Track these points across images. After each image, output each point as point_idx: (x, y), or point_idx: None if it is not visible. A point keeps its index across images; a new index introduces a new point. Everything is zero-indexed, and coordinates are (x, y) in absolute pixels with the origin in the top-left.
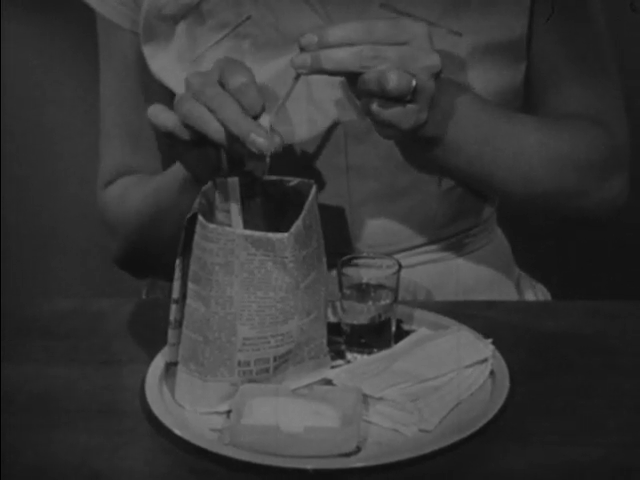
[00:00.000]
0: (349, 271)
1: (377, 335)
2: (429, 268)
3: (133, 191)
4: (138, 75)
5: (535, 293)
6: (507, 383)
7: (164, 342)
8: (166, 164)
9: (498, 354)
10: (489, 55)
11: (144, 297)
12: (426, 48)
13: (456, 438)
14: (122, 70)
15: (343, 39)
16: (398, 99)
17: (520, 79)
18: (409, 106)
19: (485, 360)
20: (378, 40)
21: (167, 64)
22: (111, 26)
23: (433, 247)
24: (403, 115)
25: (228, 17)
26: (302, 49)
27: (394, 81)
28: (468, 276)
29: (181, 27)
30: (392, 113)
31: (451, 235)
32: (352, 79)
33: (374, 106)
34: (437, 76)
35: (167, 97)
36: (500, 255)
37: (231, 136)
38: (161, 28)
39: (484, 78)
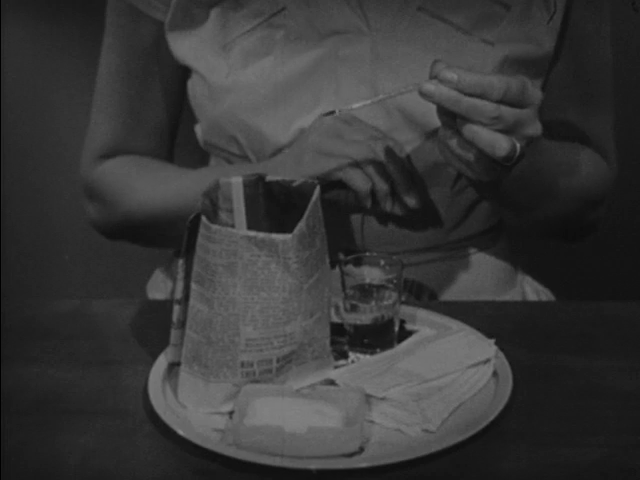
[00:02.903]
0: (352, 271)
1: (380, 335)
2: (433, 267)
3: (143, 177)
4: (145, 58)
5: (538, 295)
6: (510, 383)
7: (166, 343)
8: (163, 147)
9: (501, 354)
10: (516, 67)
11: (149, 297)
12: (534, 117)
13: (459, 438)
14: (129, 51)
15: (477, 90)
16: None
17: None
18: (500, 169)
19: (488, 360)
20: (508, 101)
21: (195, 48)
22: (126, 6)
23: (439, 248)
24: (492, 171)
25: (263, 6)
26: (435, 77)
27: (505, 151)
28: (471, 277)
29: (215, 12)
30: (484, 167)
31: (458, 239)
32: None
33: (471, 156)
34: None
35: (172, 84)
36: (504, 257)
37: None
38: (194, 11)
39: None
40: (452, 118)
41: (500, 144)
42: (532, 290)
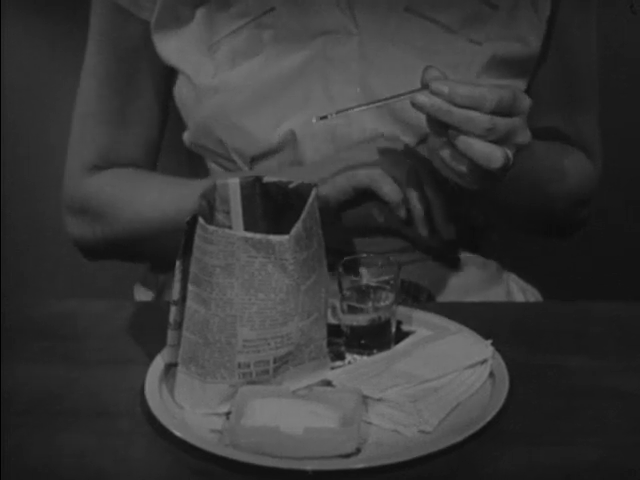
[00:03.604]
0: (349, 272)
1: (377, 336)
2: (419, 266)
3: (139, 192)
4: (132, 60)
5: (524, 293)
6: (507, 384)
7: (162, 343)
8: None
9: (498, 355)
10: (503, 67)
11: (136, 299)
12: (524, 124)
13: (456, 439)
14: (116, 53)
15: (470, 103)
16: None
17: None
18: (492, 178)
19: (485, 361)
20: (500, 112)
21: (181, 48)
22: (112, 6)
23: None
24: (484, 180)
25: (251, 6)
26: (426, 87)
27: (501, 163)
28: (457, 276)
29: (201, 12)
30: (476, 177)
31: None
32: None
33: (464, 167)
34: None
35: (159, 86)
36: (490, 256)
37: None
38: (179, 11)
39: None
40: (443, 127)
41: (495, 156)
42: (518, 288)
